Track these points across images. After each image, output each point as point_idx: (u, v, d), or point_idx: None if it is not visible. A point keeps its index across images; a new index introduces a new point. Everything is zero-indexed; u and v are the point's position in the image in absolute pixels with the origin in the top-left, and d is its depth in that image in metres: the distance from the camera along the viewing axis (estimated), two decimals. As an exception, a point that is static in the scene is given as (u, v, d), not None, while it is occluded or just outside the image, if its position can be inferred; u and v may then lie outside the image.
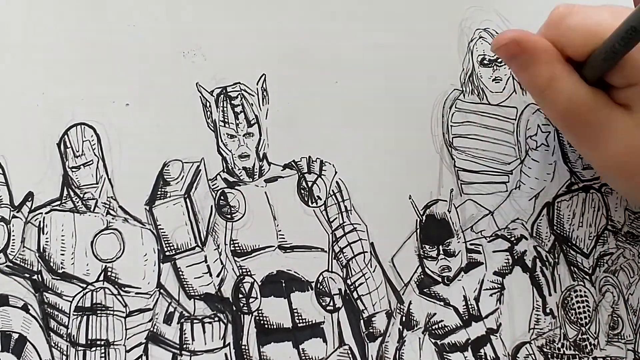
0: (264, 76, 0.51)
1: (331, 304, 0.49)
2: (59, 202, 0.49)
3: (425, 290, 0.50)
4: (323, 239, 0.50)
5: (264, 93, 0.51)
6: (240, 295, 0.49)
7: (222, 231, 0.49)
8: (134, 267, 0.48)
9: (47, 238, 0.48)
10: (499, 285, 0.51)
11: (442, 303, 0.50)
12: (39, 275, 0.48)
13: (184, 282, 0.49)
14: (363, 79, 0.52)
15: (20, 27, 0.51)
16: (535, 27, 0.54)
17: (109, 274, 0.48)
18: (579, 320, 0.51)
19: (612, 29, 0.43)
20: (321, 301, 0.49)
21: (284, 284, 0.49)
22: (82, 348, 0.47)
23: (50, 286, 0.48)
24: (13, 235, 0.48)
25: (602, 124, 0.45)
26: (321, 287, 0.49)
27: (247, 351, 0.48)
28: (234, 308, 0.49)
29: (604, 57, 0.43)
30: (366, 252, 0.50)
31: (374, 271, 0.50)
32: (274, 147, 0.51)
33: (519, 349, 0.50)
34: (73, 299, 0.48)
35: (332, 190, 0.51)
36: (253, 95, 0.51)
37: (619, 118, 0.45)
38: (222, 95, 0.51)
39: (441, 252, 0.51)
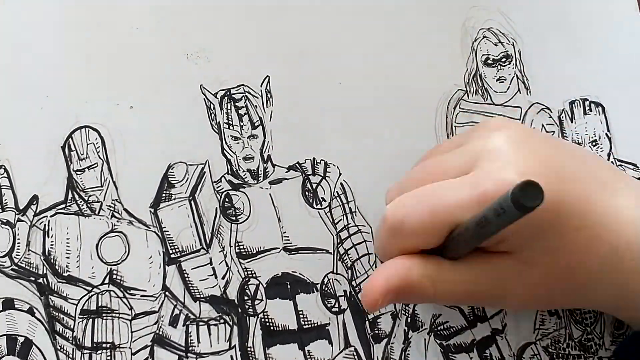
0: (267, 78, 0.51)
1: (336, 305, 0.49)
2: (63, 205, 0.49)
3: (430, 291, 0.50)
4: (328, 240, 0.50)
5: (268, 95, 0.51)
6: (246, 297, 0.49)
7: (227, 233, 0.49)
8: (139, 269, 0.48)
9: (52, 241, 0.48)
10: (504, 286, 0.51)
11: (447, 304, 0.50)
12: (45, 279, 0.48)
13: (190, 285, 0.49)
14: (367, 80, 0.52)
15: (24, 30, 0.50)
16: (539, 27, 0.54)
17: (114, 276, 0.48)
18: (584, 321, 0.51)
19: (450, 205, 0.41)
20: (326, 303, 0.49)
21: (289, 286, 0.49)
22: (88, 351, 0.47)
23: (55, 289, 0.48)
24: (18, 239, 0.48)
25: (496, 285, 0.44)
26: (326, 288, 0.50)
27: (252, 353, 0.48)
28: (240, 310, 0.49)
29: (468, 240, 0.41)
30: (371, 253, 0.50)
31: (379, 272, 0.50)
32: (278, 149, 0.51)
33: (524, 349, 0.50)
34: (78, 302, 0.48)
35: (337, 192, 0.51)
36: (257, 97, 0.51)
37: (505, 269, 0.43)
38: (226, 98, 0.51)
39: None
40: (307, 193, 0.51)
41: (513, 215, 0.35)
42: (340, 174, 0.51)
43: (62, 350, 0.47)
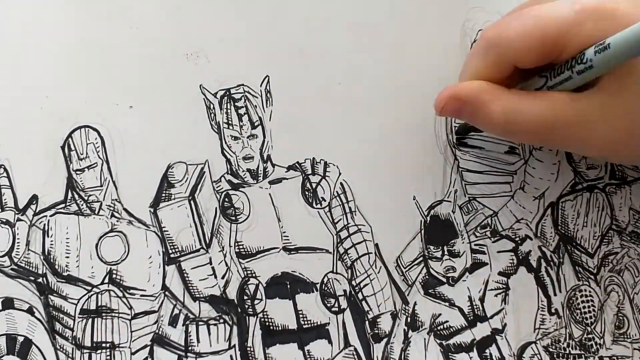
0: (267, 78, 0.51)
1: (336, 305, 0.49)
2: (63, 205, 0.49)
3: (430, 291, 0.50)
4: (328, 240, 0.50)
5: (268, 95, 0.51)
6: (245, 297, 0.49)
7: (227, 233, 0.49)
8: (139, 269, 0.48)
9: (52, 241, 0.48)
10: (504, 286, 0.51)
11: (447, 304, 0.50)
12: (44, 278, 0.48)
13: (189, 284, 0.49)
14: (366, 80, 0.52)
15: (24, 30, 0.51)
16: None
17: (114, 276, 0.48)
18: (585, 320, 0.51)
19: (554, 19, 0.43)
20: (326, 302, 0.49)
21: (288, 286, 0.49)
22: (88, 351, 0.47)
23: (55, 289, 0.48)
24: (18, 238, 0.48)
25: (577, 122, 0.44)
26: (326, 288, 0.49)
27: (252, 353, 0.48)
28: (239, 310, 0.49)
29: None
30: (371, 253, 0.50)
31: (378, 272, 0.50)
32: (277, 148, 0.51)
33: (524, 349, 0.50)
34: (78, 302, 0.48)
35: (337, 192, 0.51)
36: (257, 97, 0.51)
37: (588, 106, 0.43)
38: (225, 97, 0.51)
39: (446, 252, 0.51)
40: (306, 193, 0.51)
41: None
42: (340, 173, 0.51)
43: (61, 349, 0.47)
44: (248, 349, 0.48)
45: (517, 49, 0.44)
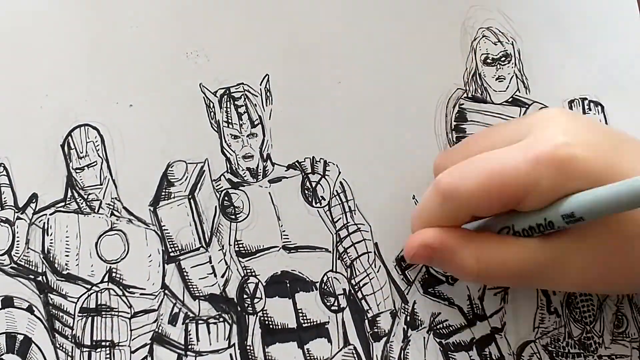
0: (267, 77, 0.51)
1: (336, 304, 0.49)
2: (63, 204, 0.49)
3: (429, 289, 0.50)
4: (327, 239, 0.50)
5: (268, 93, 0.51)
6: (245, 296, 0.49)
7: (227, 232, 0.49)
8: (139, 268, 0.48)
9: (51, 239, 0.48)
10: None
11: (446, 302, 0.50)
12: (44, 277, 0.48)
13: (189, 283, 0.49)
14: (366, 79, 0.52)
15: (23, 29, 0.51)
16: (538, 26, 0.54)
17: (114, 275, 0.48)
18: (584, 319, 0.51)
19: (508, 173, 0.42)
20: (326, 301, 0.49)
21: (288, 285, 0.49)
22: (87, 349, 0.47)
23: (55, 287, 0.48)
24: (17, 237, 0.48)
25: (548, 264, 0.44)
26: (325, 287, 0.49)
27: (252, 351, 0.48)
28: (239, 308, 0.49)
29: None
30: (370, 252, 0.50)
31: (378, 271, 0.50)
32: (277, 147, 0.51)
33: (523, 347, 0.50)
34: (78, 300, 0.48)
35: (336, 191, 0.51)
36: (256, 96, 0.51)
37: (558, 249, 0.43)
38: (225, 96, 0.51)
39: (445, 251, 0.51)
40: (306, 191, 0.51)
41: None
42: (339, 172, 0.51)
43: (61, 348, 0.47)
44: (248, 347, 0.48)
45: (475, 204, 0.43)
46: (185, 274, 0.49)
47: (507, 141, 0.44)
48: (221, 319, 0.48)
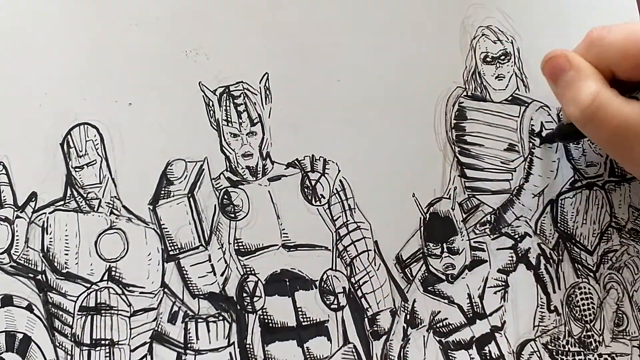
0: (266, 75, 0.51)
1: (335, 302, 0.49)
2: (62, 202, 0.49)
3: (429, 288, 0.50)
4: (327, 237, 0.50)
5: (267, 92, 0.51)
6: (245, 294, 0.49)
7: (226, 230, 0.49)
8: (138, 266, 0.48)
9: (51, 238, 0.48)
10: (503, 283, 0.51)
11: (446, 301, 0.50)
12: (43, 275, 0.48)
13: (188, 282, 0.49)
14: (366, 77, 0.52)
15: (23, 28, 0.51)
16: (537, 25, 0.54)
17: (113, 273, 0.48)
18: (584, 317, 0.51)
19: None
20: (325, 300, 0.49)
21: (288, 283, 0.49)
22: (87, 348, 0.47)
23: (54, 286, 0.48)
24: (17, 236, 0.48)
25: None
26: (325, 285, 0.49)
27: (251, 350, 0.48)
28: (238, 307, 0.49)
29: None
30: (370, 250, 0.50)
31: (378, 269, 0.50)
32: (277, 145, 0.51)
33: (523, 346, 0.50)
34: (77, 299, 0.48)
35: (336, 189, 0.51)
36: (256, 94, 0.51)
37: None
38: (224, 95, 0.51)
39: (445, 249, 0.51)
40: (306, 190, 0.51)
41: None
42: (339, 170, 0.51)
43: (60, 346, 0.47)
44: (247, 346, 0.48)
45: (616, 57, 0.45)
46: (184, 272, 0.49)
47: None
48: (221, 318, 0.48)
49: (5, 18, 0.51)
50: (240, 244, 0.49)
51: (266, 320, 0.49)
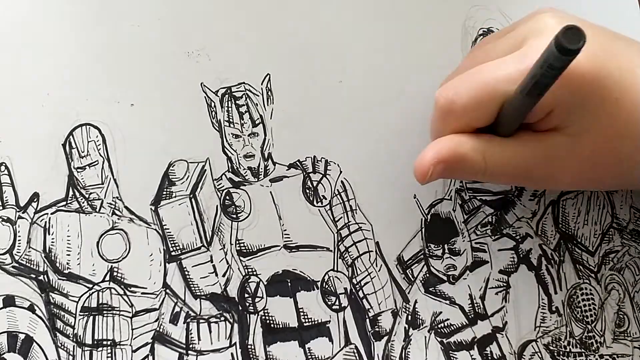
0: (268, 76, 0.51)
1: (337, 303, 0.49)
2: (64, 203, 0.49)
3: (430, 289, 0.50)
4: (328, 238, 0.50)
5: (269, 93, 0.51)
6: (246, 295, 0.49)
7: (228, 231, 0.49)
8: (140, 267, 0.48)
9: (52, 238, 0.48)
10: (505, 284, 0.51)
11: (447, 302, 0.50)
12: (45, 276, 0.48)
13: (190, 282, 0.49)
14: (367, 78, 0.52)
15: (24, 28, 0.51)
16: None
17: (115, 274, 0.48)
18: (585, 318, 0.51)
19: (500, 77, 0.42)
20: (327, 300, 0.49)
21: (289, 284, 0.49)
22: (89, 348, 0.47)
23: (56, 286, 0.48)
24: (19, 236, 0.48)
25: (547, 161, 0.45)
26: (327, 286, 0.49)
27: (253, 351, 0.48)
28: (240, 308, 0.49)
29: (520, 105, 0.42)
30: (371, 251, 0.50)
31: (379, 270, 0.50)
32: (278, 146, 0.51)
33: (525, 347, 0.50)
34: (79, 299, 0.48)
35: (337, 190, 0.51)
36: (258, 95, 0.51)
37: (555, 145, 0.44)
38: (226, 96, 0.51)
39: (446, 250, 0.51)
40: (307, 191, 0.51)
41: (558, 63, 0.37)
42: (340, 171, 0.51)
43: (62, 347, 0.47)
44: (249, 346, 0.48)
45: (470, 117, 0.44)
46: (186, 273, 0.49)
47: (504, 54, 0.45)
48: (222, 318, 0.48)
49: (7, 18, 0.51)
50: (242, 244, 0.49)
51: (268, 321, 0.49)
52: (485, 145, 0.44)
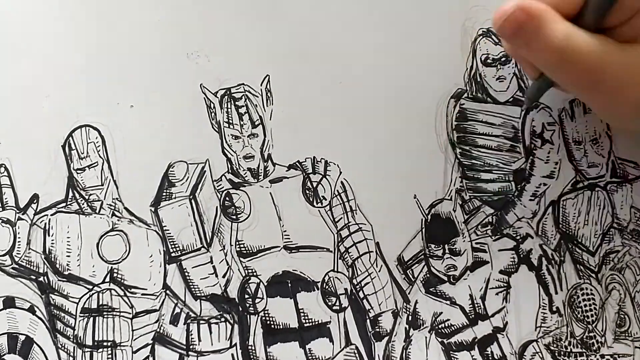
0: (267, 77, 0.51)
1: (337, 303, 0.49)
2: (64, 204, 0.49)
3: (431, 289, 0.50)
4: (328, 239, 0.50)
5: (268, 94, 0.51)
6: (247, 296, 0.49)
7: (228, 232, 0.49)
8: (140, 268, 0.48)
9: (52, 240, 0.48)
10: (505, 284, 0.51)
11: (448, 302, 0.50)
12: (45, 277, 0.48)
13: (190, 283, 0.49)
14: (367, 79, 0.52)
15: (24, 30, 0.51)
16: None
17: (115, 275, 0.48)
18: (586, 318, 0.51)
19: None
20: (327, 301, 0.49)
21: (289, 284, 0.49)
22: (89, 349, 0.47)
23: (56, 288, 0.48)
24: (19, 237, 0.48)
25: (623, 65, 0.44)
26: (327, 287, 0.49)
27: (253, 351, 0.48)
28: (240, 308, 0.49)
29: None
30: (372, 251, 0.50)
31: (379, 271, 0.50)
32: (278, 147, 0.51)
33: (525, 347, 0.50)
34: (79, 301, 0.48)
35: (337, 191, 0.51)
36: (257, 96, 0.51)
37: (633, 55, 0.44)
38: (226, 97, 0.51)
39: (447, 251, 0.51)
40: (307, 191, 0.51)
41: None
42: (340, 172, 0.51)
43: (63, 348, 0.47)
44: (249, 347, 0.48)
45: None
46: (186, 274, 0.49)
47: None
48: (223, 319, 0.48)
49: (7, 20, 0.51)
50: (241, 245, 0.49)
51: (268, 322, 0.49)
52: (570, 27, 0.43)
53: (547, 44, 0.43)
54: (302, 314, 0.49)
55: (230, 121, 0.51)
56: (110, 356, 0.47)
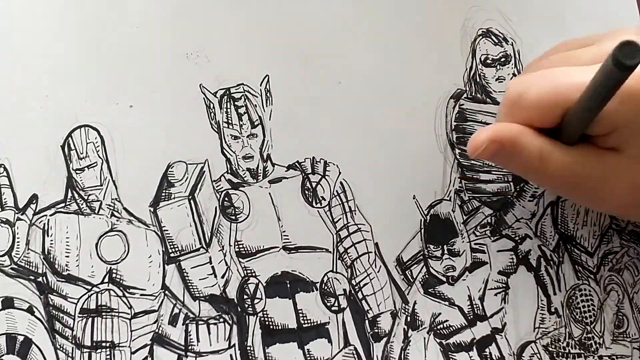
0: (267, 77, 0.51)
1: (336, 304, 0.49)
2: (63, 204, 0.49)
3: (430, 290, 0.50)
4: (327, 239, 0.50)
5: (268, 94, 0.51)
6: (245, 296, 0.49)
7: (227, 232, 0.49)
8: (139, 268, 0.48)
9: (51, 240, 0.48)
10: (504, 285, 0.51)
11: (446, 303, 0.50)
12: (44, 278, 0.48)
13: (189, 284, 0.49)
14: (366, 79, 0.52)
15: (23, 29, 0.51)
16: (538, 27, 0.54)
17: (114, 275, 0.48)
18: (584, 319, 0.51)
19: (573, 85, 0.42)
20: (326, 302, 0.49)
21: (288, 285, 0.49)
22: (88, 350, 0.47)
23: (55, 288, 0.48)
24: (18, 238, 0.48)
25: (600, 177, 0.44)
26: (326, 287, 0.49)
27: (252, 352, 0.48)
28: (239, 309, 0.49)
29: (580, 115, 0.42)
30: (371, 252, 0.50)
31: (378, 271, 0.50)
32: (277, 148, 0.51)
33: (524, 348, 0.50)
34: (78, 301, 0.48)
35: (336, 191, 0.51)
36: (256, 97, 0.51)
37: (613, 164, 0.44)
38: (225, 97, 0.51)
39: (446, 251, 0.51)
40: (306, 192, 0.51)
41: (614, 78, 0.37)
42: (339, 172, 0.51)
43: (61, 349, 0.47)
44: (248, 348, 0.48)
45: (534, 114, 0.44)
46: (185, 274, 0.49)
47: (582, 63, 0.45)
48: (221, 320, 0.48)
49: (5, 19, 0.51)
50: (241, 246, 0.49)
51: (267, 322, 0.49)
52: (545, 144, 0.44)
53: (522, 165, 0.45)
54: (300, 315, 0.49)
55: (230, 121, 0.51)
56: (108, 357, 0.47)
